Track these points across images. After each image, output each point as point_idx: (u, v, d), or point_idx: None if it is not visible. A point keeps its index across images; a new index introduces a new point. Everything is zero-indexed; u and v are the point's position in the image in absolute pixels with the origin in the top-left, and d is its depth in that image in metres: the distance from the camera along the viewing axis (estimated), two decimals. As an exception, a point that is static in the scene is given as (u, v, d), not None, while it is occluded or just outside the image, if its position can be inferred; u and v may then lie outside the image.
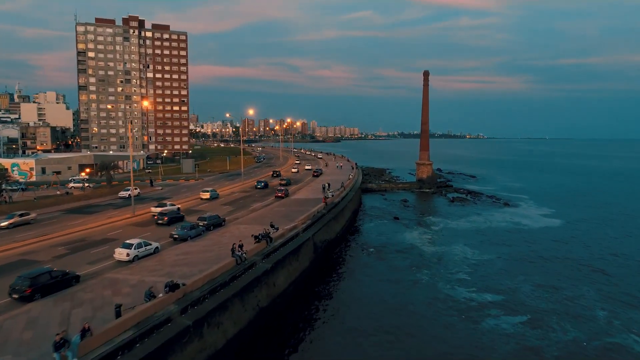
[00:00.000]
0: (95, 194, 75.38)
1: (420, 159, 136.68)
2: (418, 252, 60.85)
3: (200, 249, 40.02)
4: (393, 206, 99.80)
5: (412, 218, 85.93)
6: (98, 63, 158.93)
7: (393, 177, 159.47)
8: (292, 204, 66.39)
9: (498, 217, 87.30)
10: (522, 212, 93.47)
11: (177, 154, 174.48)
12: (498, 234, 72.42)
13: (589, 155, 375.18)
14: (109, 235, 46.56)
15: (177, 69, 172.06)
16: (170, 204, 60.02)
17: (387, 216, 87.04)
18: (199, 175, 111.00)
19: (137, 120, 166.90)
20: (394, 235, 70.61)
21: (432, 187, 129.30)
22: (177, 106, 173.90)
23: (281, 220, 52.81)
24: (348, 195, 78.18)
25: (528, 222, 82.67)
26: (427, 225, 79.04)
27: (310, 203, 66.79)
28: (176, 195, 77.11)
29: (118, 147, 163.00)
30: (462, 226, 78.50)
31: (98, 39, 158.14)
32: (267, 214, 57.93)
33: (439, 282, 48.89)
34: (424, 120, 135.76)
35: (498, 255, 59.99)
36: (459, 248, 63.09)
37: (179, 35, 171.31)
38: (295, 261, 44.80)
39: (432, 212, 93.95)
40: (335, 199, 69.46)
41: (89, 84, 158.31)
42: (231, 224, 52.27)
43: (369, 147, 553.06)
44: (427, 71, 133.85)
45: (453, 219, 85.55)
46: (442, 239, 68.74)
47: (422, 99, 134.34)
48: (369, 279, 49.75)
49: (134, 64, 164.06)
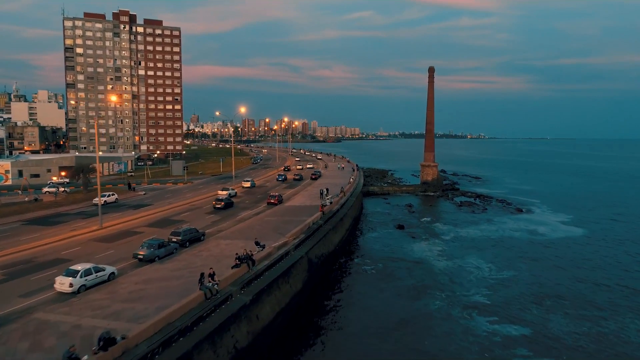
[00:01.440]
0: (68, 200, 68.17)
1: (425, 160, 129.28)
2: (427, 269, 53.53)
3: (166, 275, 32.74)
4: (397, 212, 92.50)
5: (418, 226, 78.59)
6: (87, 60, 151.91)
7: (396, 179, 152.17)
8: (285, 213, 59.10)
9: (512, 225, 79.87)
10: (537, 219, 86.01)
11: (170, 155, 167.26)
12: (515, 246, 64.99)
13: (595, 156, 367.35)
14: (63, 254, 39.24)
15: (170, 66, 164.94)
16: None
17: (390, 224, 79.75)
18: (189, 178, 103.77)
19: (128, 119, 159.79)
20: (399, 247, 63.31)
21: (438, 190, 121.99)
22: (170, 105, 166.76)
23: (270, 235, 45.55)
24: (348, 202, 70.92)
25: (546, 231, 75.20)
26: (435, 235, 71.66)
27: (305, 211, 59.50)
28: (159, 201, 69.88)
29: (108, 148, 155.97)
30: (473, 235, 71.14)
31: (87, 35, 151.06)
32: (256, 225, 50.63)
33: (453, 308, 41.53)
34: (429, 119, 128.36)
35: (518, 272, 52.59)
36: (473, 263, 55.71)
37: (172, 30, 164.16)
38: (285, 285, 37.51)
39: (440, 218, 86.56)
40: (333, 206, 62.20)
41: (77, 82, 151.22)
42: (212, 238, 44.97)
43: (370, 147, 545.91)
44: (432, 67, 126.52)
45: (463, 226, 78.21)
46: (453, 251, 61.37)
47: (427, 97, 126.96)
48: (372, 304, 42.44)
49: (124, 60, 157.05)
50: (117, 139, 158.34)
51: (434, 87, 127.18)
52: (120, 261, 36.74)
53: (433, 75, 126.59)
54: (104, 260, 36.93)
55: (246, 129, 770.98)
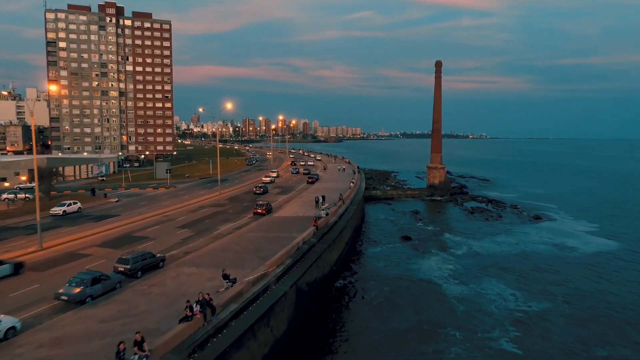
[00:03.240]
0: (22, 210, 58.99)
1: (431, 161, 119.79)
2: (438, 296, 44.22)
3: (89, 330, 23.37)
4: (402, 219, 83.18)
5: (426, 237, 69.23)
6: (70, 55, 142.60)
7: (400, 182, 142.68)
8: (272, 226, 49.72)
9: (534, 236, 70.45)
10: (560, 229, 76.57)
11: (160, 156, 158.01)
12: (543, 264, 55.53)
13: (601, 157, 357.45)
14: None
15: (160, 61, 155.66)
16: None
17: (395, 235, 70.51)
18: (173, 182, 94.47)
19: (115, 118, 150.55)
20: (406, 266, 53.99)
21: (446, 195, 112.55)
22: (160, 103, 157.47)
23: (248, 259, 36.25)
24: (348, 211, 61.54)
25: (575, 244, 65.72)
26: (446, 249, 62.23)
27: (297, 224, 50.17)
28: (129, 210, 60.55)
29: (93, 148, 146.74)
30: (490, 250, 61.73)
31: (70, 28, 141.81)
32: (233, 245, 41.26)
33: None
34: (436, 118, 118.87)
35: (553, 303, 43.13)
36: (494, 289, 46.27)
37: (162, 24, 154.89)
38: (264, 330, 28.18)
39: (450, 228, 77.17)
40: (330, 217, 52.82)
41: (60, 78, 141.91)
42: (174, 263, 35.59)
43: (372, 147, 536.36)
44: (439, 61, 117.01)
45: (477, 238, 68.87)
46: (468, 272, 51.95)
47: (434, 94, 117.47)
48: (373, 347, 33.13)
49: (111, 55, 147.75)
50: (103, 139, 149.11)
51: (442, 83, 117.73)
52: (40, 302, 27.47)
53: (440, 70, 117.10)
54: (21, 300, 27.77)
55: (246, 129, 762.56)
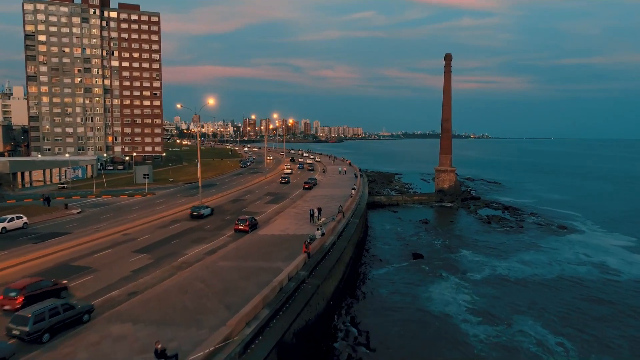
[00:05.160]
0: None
1: (440, 164, 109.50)
2: (460, 340, 34.27)
3: None
4: (410, 231, 73.12)
5: (439, 255, 58.98)
6: (51, 48, 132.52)
7: (405, 186, 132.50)
8: (253, 251, 39.51)
9: (566, 253, 60.15)
10: (593, 243, 66.33)
11: (149, 157, 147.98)
12: (587, 293, 45.24)
13: (609, 157, 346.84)
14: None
15: (148, 56, 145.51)
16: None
17: (402, 251, 60.55)
18: (153, 187, 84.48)
19: (99, 117, 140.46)
20: (416, 295, 43.88)
21: (456, 200, 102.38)
22: (148, 100, 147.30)
23: (209, 309, 26.12)
24: (349, 226, 51.40)
25: (617, 264, 55.35)
26: (464, 271, 51.93)
27: (285, 247, 40.11)
28: (87, 226, 50.44)
29: (76, 150, 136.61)
30: (519, 273, 51.46)
31: (50, 20, 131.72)
32: (195, 282, 31.04)
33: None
34: (446, 116, 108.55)
35: (616, 353, 32.94)
36: (532, 332, 35.99)
37: (150, 16, 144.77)
38: None
39: (467, 242, 66.90)
40: (327, 238, 42.68)
41: (40, 74, 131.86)
42: (104, 316, 25.38)
43: (373, 147, 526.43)
44: (449, 54, 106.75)
45: (500, 256, 58.63)
46: (494, 305, 41.70)
47: (444, 89, 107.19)
48: None
49: (95, 50, 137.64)
50: (87, 140, 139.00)
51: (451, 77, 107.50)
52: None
53: (450, 64, 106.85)
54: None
55: (246, 129, 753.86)
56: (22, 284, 27.02)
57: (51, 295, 27.32)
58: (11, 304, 25.74)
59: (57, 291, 28.32)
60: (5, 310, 25.65)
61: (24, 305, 25.28)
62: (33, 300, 25.77)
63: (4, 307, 25.87)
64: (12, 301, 25.83)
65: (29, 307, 23.58)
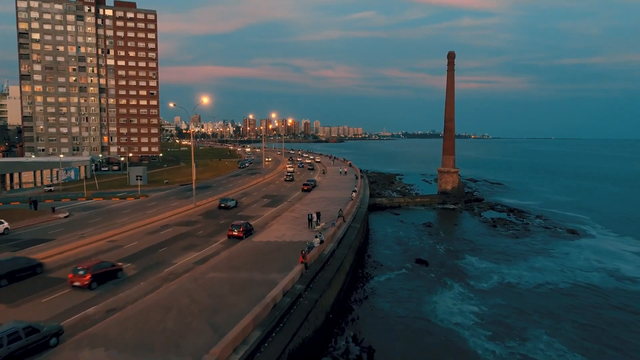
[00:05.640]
0: None
1: (443, 165, 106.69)
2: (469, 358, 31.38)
3: None
4: (413, 235, 70.32)
5: (443, 261, 56.12)
6: (45, 47, 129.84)
7: (407, 187, 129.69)
8: (246, 260, 36.70)
9: (578, 260, 57.28)
10: (605, 248, 63.46)
11: (146, 158, 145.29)
12: (604, 304, 42.40)
13: (611, 157, 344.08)
14: None
15: (144, 55, 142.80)
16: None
17: (407, 255, 57.89)
18: (148, 189, 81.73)
19: (94, 117, 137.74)
20: (420, 306, 41.06)
21: (460, 202, 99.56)
22: (144, 100, 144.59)
23: (193, 330, 23.32)
24: (350, 232, 48.62)
25: (633, 271, 52.44)
26: (470, 279, 49.04)
27: (281, 256, 37.35)
28: (72, 232, 47.67)
29: (71, 150, 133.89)
30: (529, 281, 48.58)
31: (44, 17, 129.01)
32: (181, 298, 28.21)
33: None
34: (449, 116, 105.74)
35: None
36: (548, 350, 33.10)
37: (147, 14, 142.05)
38: None
39: (472, 247, 64.07)
40: (326, 245, 39.91)
41: (33, 73, 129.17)
42: (74, 339, 22.54)
43: (374, 147, 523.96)
44: (452, 52, 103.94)
45: (508, 262, 55.80)
46: (504, 317, 38.79)
47: (447, 88, 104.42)
48: None
49: (90, 48, 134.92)
50: (82, 140, 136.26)
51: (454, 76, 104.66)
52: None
53: (453, 62, 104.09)
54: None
55: (246, 129, 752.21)
56: (89, 264, 31.31)
57: (111, 274, 31.99)
58: (80, 280, 30.24)
59: (115, 272, 32.54)
60: (74, 286, 30.21)
61: (91, 282, 30.03)
62: (98, 277, 30.66)
63: (74, 283, 30.31)
64: (81, 278, 30.24)
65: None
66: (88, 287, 30.00)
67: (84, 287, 29.96)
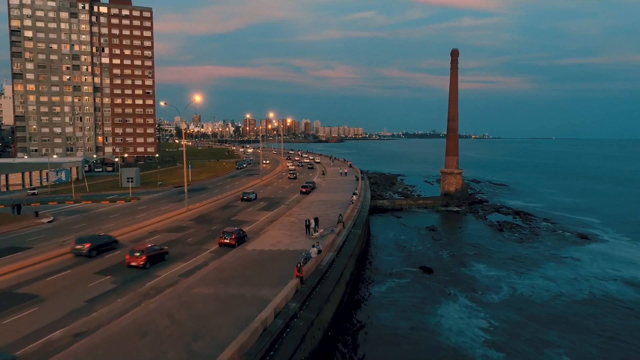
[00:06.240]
0: None
1: (446, 166, 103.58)
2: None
3: None
4: (416, 239, 67.27)
5: (448, 270, 52.93)
6: (37, 45, 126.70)
7: (408, 188, 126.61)
8: (237, 272, 33.53)
9: (592, 267, 54.13)
10: (619, 255, 60.30)
11: (141, 158, 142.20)
12: (623, 314, 39.30)
13: (614, 157, 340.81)
14: None
15: (140, 53, 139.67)
16: None
17: (410, 261, 54.93)
18: (141, 191, 78.62)
19: (89, 116, 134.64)
20: (424, 321, 38.04)
21: (463, 204, 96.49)
22: (140, 99, 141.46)
23: (170, 356, 20.16)
24: (350, 238, 45.44)
25: (652, 280, 49.43)
26: (478, 290, 45.80)
27: (275, 266, 34.23)
28: (52, 239, 44.56)
29: (64, 151, 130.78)
30: (543, 292, 45.41)
31: (37, 15, 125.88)
32: (160, 319, 25.06)
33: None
34: (452, 115, 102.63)
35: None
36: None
37: (142, 11, 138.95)
38: None
39: (479, 252, 60.95)
40: (324, 255, 36.76)
41: (26, 71, 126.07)
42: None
43: (374, 147, 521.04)
44: (455, 50, 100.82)
45: (518, 270, 52.66)
46: (518, 334, 35.68)
47: (450, 86, 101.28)
48: None
49: (84, 46, 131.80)
50: (76, 140, 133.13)
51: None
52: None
53: (457, 60, 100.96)
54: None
55: (247, 129, 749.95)
56: (143, 246, 36.16)
57: (161, 256, 36.64)
58: (137, 261, 34.71)
59: (163, 254, 37.03)
60: (131, 266, 34.70)
61: (145, 262, 34.59)
62: (151, 258, 35.32)
63: (130, 263, 34.77)
64: (137, 259, 34.72)
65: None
66: (143, 267, 34.39)
67: (139, 267, 34.45)
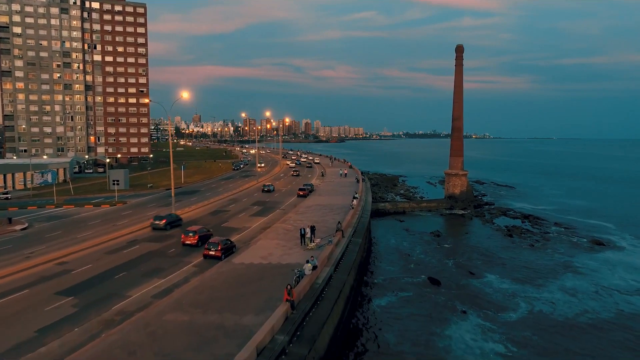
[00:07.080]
0: None
1: (450, 167, 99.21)
2: None
3: None
4: (421, 246, 62.97)
5: (456, 281, 48.62)
6: (27, 42, 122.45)
7: (410, 190, 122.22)
8: (218, 294, 29.16)
9: (612, 278, 49.78)
10: None
11: (135, 159, 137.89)
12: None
13: (618, 158, 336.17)
14: None
15: (133, 50, 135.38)
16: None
17: (415, 272, 50.76)
18: (129, 194, 74.29)
19: (80, 116, 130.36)
20: (431, 342, 34.16)
21: (469, 207, 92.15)
22: (133, 98, 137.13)
23: None
24: (350, 248, 41.07)
25: (681, 294, 45.05)
26: (490, 306, 41.34)
27: (264, 285, 29.90)
28: (21, 249, 40.26)
29: (55, 151, 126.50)
30: (563, 308, 41.11)
31: (26, 10, 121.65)
32: (119, 355, 20.71)
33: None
34: (457, 114, 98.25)
35: None
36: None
37: (136, 7, 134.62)
38: None
39: (489, 261, 56.60)
40: (320, 270, 32.40)
41: (15, 69, 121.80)
42: None
43: (375, 147, 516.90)
44: (460, 46, 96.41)
45: (532, 281, 48.43)
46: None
47: (454, 84, 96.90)
48: None
49: (75, 43, 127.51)
50: (67, 140, 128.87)
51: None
52: None
53: (462, 56, 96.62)
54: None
55: (247, 129, 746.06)
56: (196, 228, 42.44)
57: (209, 237, 41.41)
58: (191, 240, 40.59)
59: (209, 235, 42.23)
60: (185, 245, 40.64)
61: (198, 241, 40.44)
62: (202, 238, 40.82)
63: (185, 242, 40.60)
64: (191, 238, 40.66)
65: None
66: (196, 246, 40.19)
67: (192, 246, 40.33)
